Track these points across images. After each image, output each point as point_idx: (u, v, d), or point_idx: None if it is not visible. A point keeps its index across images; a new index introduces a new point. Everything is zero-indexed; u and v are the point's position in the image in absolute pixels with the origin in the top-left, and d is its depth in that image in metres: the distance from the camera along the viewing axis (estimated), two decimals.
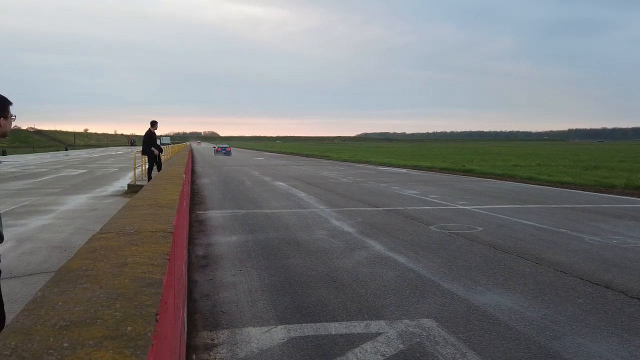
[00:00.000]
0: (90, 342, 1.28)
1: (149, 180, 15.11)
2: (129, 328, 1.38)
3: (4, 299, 5.91)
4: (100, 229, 3.00)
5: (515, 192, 17.79)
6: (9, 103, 3.35)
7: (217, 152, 63.31)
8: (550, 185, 20.60)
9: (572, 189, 19.33)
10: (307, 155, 62.27)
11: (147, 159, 18.71)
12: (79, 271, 1.99)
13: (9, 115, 3.34)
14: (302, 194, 16.88)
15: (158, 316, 1.49)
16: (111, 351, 1.23)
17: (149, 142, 18.11)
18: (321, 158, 54.48)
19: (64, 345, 1.27)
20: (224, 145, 71.48)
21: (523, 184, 21.33)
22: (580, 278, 6.71)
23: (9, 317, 5.24)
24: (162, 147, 19.41)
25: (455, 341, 4.57)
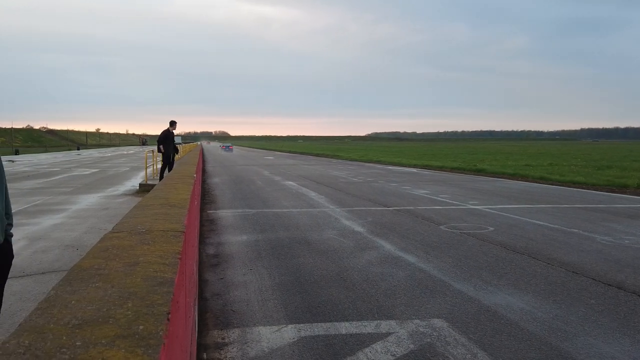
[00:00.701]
0: (103, 341, 1.29)
1: (160, 180, 15.24)
2: (141, 327, 1.38)
3: (17, 296, 5.99)
4: (112, 228, 3.01)
5: (526, 192, 17.70)
6: None
7: (222, 149, 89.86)
8: (562, 185, 20.47)
9: (585, 188, 19.19)
10: (317, 155, 62.29)
11: (161, 157, 18.94)
12: (92, 270, 2.00)
13: None
14: (313, 194, 16.89)
15: (170, 315, 1.50)
16: (123, 350, 1.24)
17: (163, 141, 18.37)
18: (331, 157, 54.47)
19: (77, 344, 1.28)
20: (228, 144, 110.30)
21: (535, 184, 21.21)
22: (592, 278, 6.66)
23: (22, 315, 5.29)
24: (177, 147, 19.61)
25: (466, 341, 4.56)
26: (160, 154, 18.70)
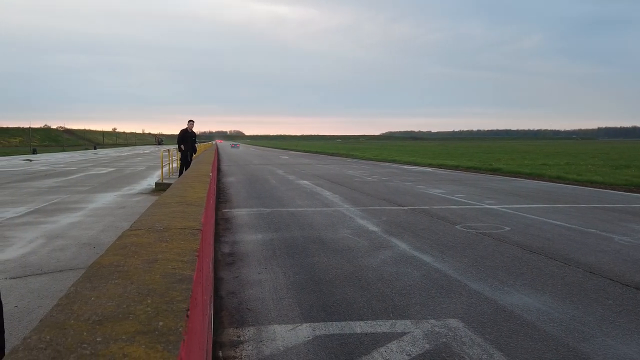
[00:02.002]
0: (123, 337, 1.30)
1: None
2: (161, 323, 1.39)
3: (35, 294, 6.06)
4: (131, 226, 3.04)
5: (543, 192, 17.55)
6: None
7: (231, 147, 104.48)
8: (579, 185, 20.26)
9: (602, 188, 18.99)
10: (331, 154, 62.26)
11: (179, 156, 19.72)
12: (111, 267, 2.02)
13: None
14: (327, 193, 16.89)
15: (189, 312, 1.51)
16: (144, 346, 1.25)
17: (181, 141, 19.16)
18: (346, 157, 54.40)
19: (98, 339, 1.29)
20: (236, 142, 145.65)
21: (552, 183, 21.02)
22: (610, 279, 6.59)
23: (40, 312, 5.36)
24: (194, 147, 19.96)
25: (482, 342, 4.53)
26: (179, 153, 19.48)
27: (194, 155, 20.04)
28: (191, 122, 19.31)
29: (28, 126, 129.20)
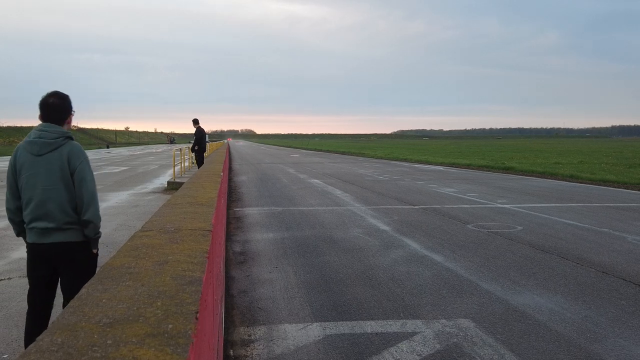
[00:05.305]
0: (133, 340, 1.32)
1: (199, 166, 16.32)
2: (170, 326, 1.41)
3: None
4: (142, 227, 3.06)
5: (556, 191, 17.43)
6: None
7: (236, 143, 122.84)
8: (592, 184, 20.10)
9: (616, 187, 18.82)
10: (343, 153, 62.18)
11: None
12: (122, 269, 2.04)
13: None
14: (338, 192, 16.89)
15: (198, 314, 1.52)
16: (153, 349, 1.26)
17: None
18: (357, 155, 54.29)
19: (108, 342, 1.31)
20: (239, 140, 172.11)
21: (565, 182, 20.88)
22: (623, 279, 6.54)
23: (53, 312, 5.40)
24: (195, 145, 20.20)
25: (494, 342, 4.52)
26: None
27: (205, 154, 20.28)
28: (193, 120, 19.80)
29: None
